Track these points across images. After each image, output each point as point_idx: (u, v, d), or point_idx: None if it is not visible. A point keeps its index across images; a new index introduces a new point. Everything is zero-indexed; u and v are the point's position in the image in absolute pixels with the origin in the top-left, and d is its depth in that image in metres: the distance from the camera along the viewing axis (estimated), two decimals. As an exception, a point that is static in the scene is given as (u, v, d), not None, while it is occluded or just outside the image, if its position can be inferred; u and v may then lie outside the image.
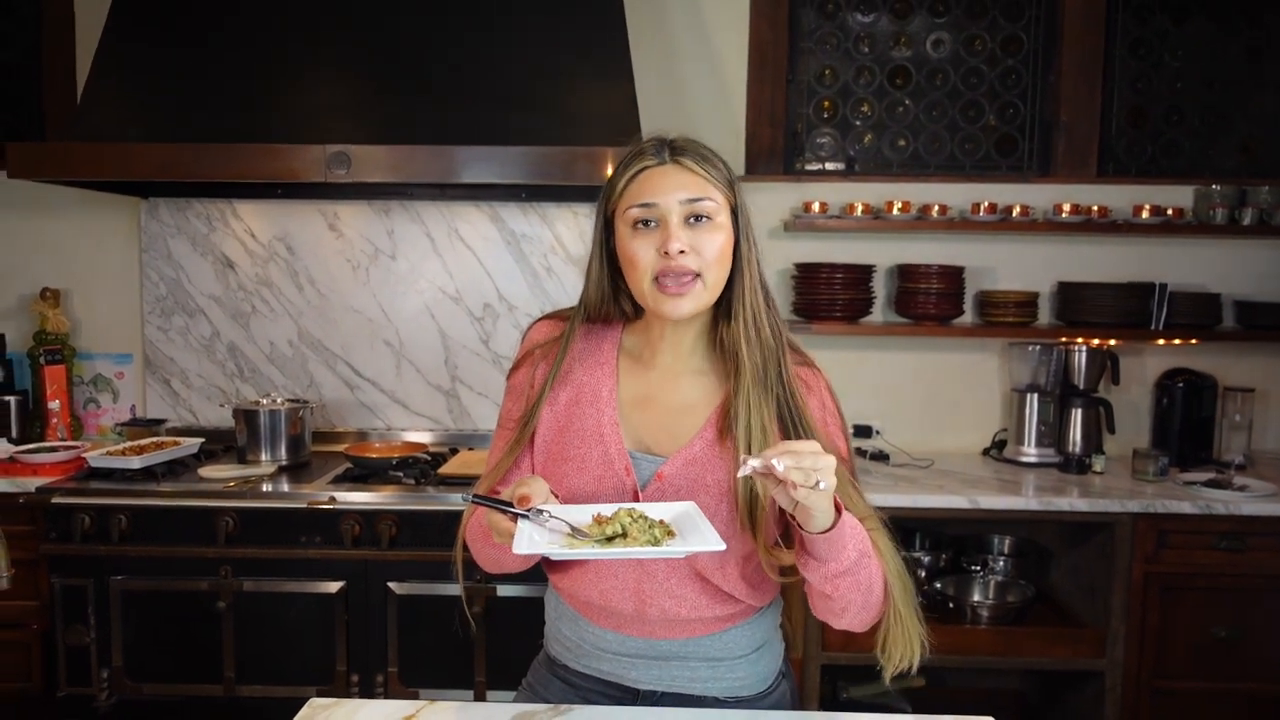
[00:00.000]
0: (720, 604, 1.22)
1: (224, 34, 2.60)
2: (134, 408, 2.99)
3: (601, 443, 1.22)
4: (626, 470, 1.21)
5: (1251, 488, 2.48)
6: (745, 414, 1.16)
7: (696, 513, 1.11)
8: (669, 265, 1.14)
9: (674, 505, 1.14)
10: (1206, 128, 3.01)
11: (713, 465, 1.20)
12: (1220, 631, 2.41)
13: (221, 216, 2.92)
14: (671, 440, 1.22)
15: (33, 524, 2.36)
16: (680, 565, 1.19)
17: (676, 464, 1.20)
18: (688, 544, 1.05)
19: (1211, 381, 2.85)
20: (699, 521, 1.08)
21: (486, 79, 2.52)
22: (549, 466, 1.24)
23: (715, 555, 1.17)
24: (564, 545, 1.06)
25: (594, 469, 1.21)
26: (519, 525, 1.06)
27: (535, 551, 1.03)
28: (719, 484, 1.19)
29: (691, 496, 1.17)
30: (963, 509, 2.40)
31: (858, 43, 3.01)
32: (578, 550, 1.05)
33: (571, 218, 2.89)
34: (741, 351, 1.18)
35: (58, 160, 2.41)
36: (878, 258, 2.89)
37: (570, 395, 1.25)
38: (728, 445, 1.18)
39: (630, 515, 1.09)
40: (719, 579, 1.20)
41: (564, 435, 1.24)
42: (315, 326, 2.95)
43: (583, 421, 1.23)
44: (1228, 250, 2.90)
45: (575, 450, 1.23)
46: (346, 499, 2.35)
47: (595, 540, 1.07)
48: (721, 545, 1.03)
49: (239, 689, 2.36)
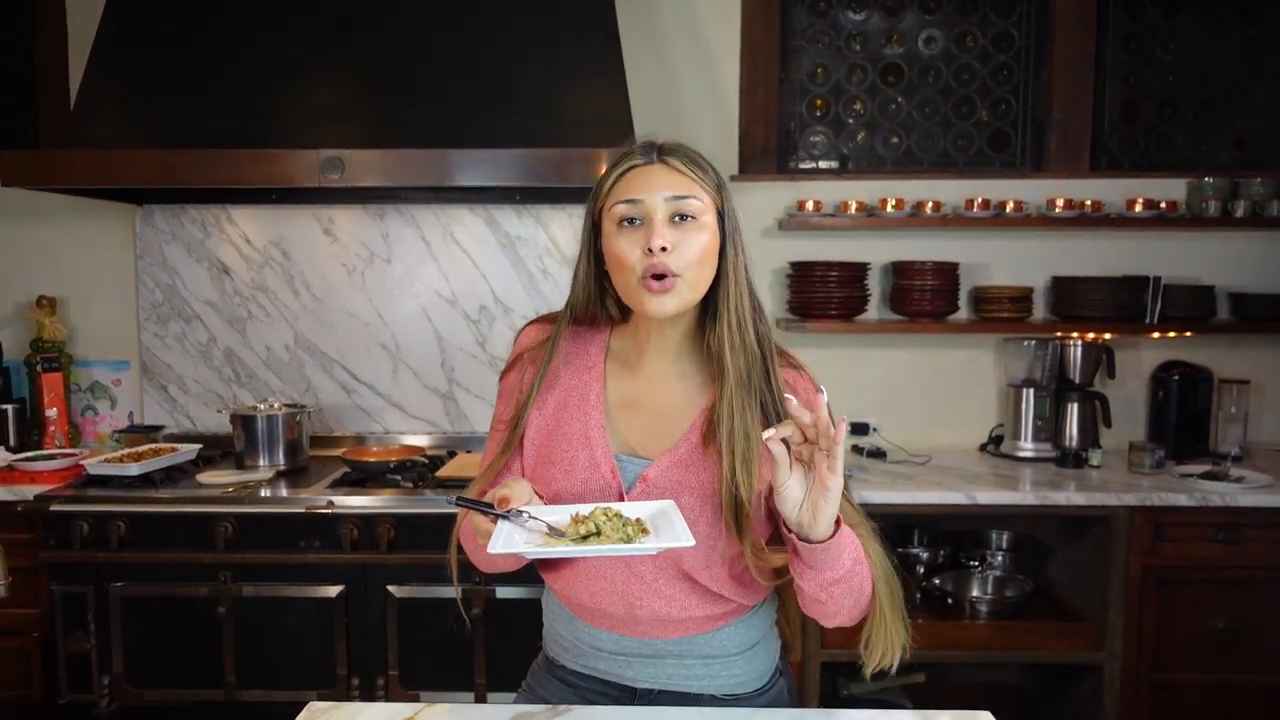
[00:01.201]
0: (710, 603, 1.23)
1: (217, 40, 2.61)
2: (131, 414, 2.99)
3: (588, 446, 1.22)
4: (612, 473, 1.21)
5: (1248, 479, 2.49)
6: (729, 419, 1.16)
7: (673, 510, 1.12)
8: (652, 263, 1.14)
9: (652, 504, 1.15)
10: (1199, 121, 3.01)
11: (698, 468, 1.20)
12: (1218, 623, 2.42)
13: (216, 222, 2.92)
14: (657, 443, 1.23)
15: (31, 531, 2.36)
16: (667, 566, 1.19)
17: (662, 466, 1.21)
18: (659, 540, 1.08)
19: (1206, 374, 2.85)
20: (674, 518, 1.10)
21: (479, 82, 2.52)
22: (538, 469, 1.25)
23: (701, 555, 1.18)
24: (540, 545, 1.09)
25: (581, 472, 1.22)
26: (497, 525, 1.09)
27: (508, 550, 1.05)
28: (704, 486, 1.19)
29: (676, 499, 1.18)
30: (960, 505, 2.40)
31: (850, 41, 3.01)
32: (551, 549, 1.07)
33: (566, 219, 2.90)
34: (725, 357, 1.18)
35: (52, 168, 2.41)
36: (872, 255, 2.89)
37: (558, 399, 1.26)
38: (713, 449, 1.19)
39: (606, 514, 1.11)
40: (706, 579, 1.20)
41: (552, 439, 1.25)
42: (311, 331, 2.95)
43: (570, 425, 1.24)
44: (1221, 243, 2.91)
45: (563, 454, 1.23)
46: (345, 503, 2.35)
47: (571, 539, 1.09)
48: (691, 541, 1.04)
49: (240, 694, 2.36)
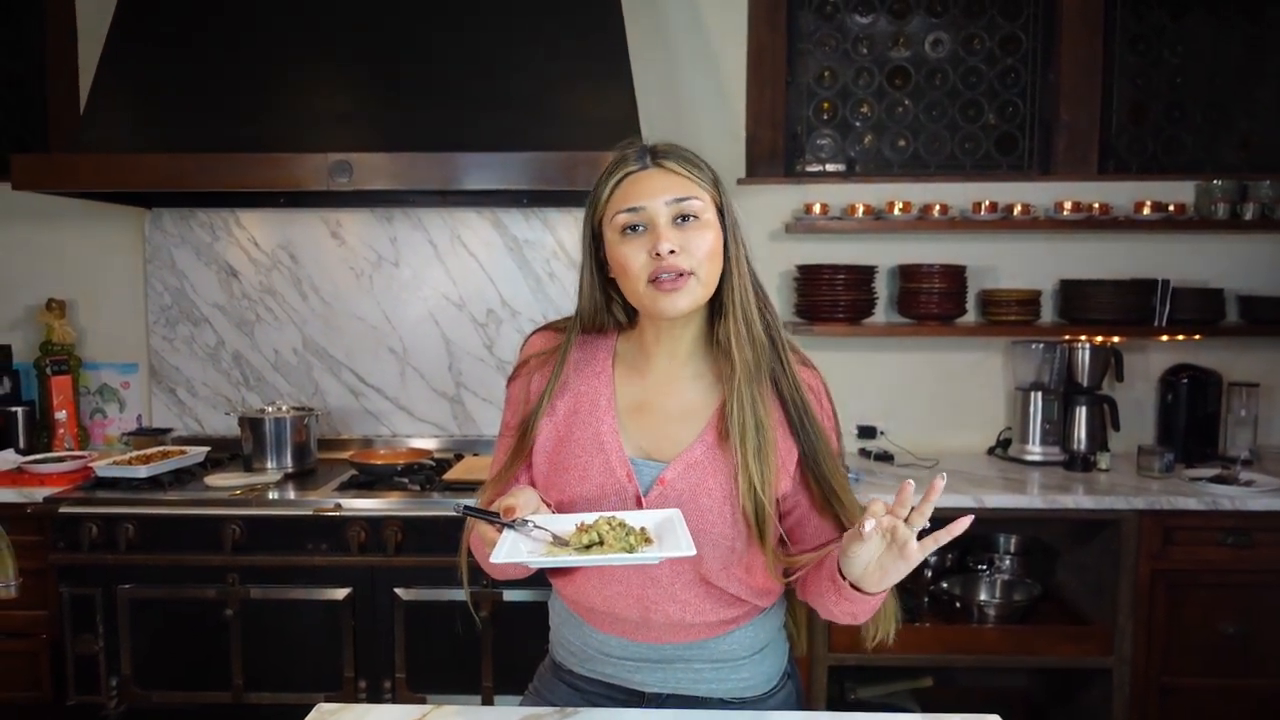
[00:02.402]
0: (725, 607, 1.22)
1: (226, 44, 2.62)
2: (140, 417, 3.00)
3: (602, 451, 1.22)
4: (629, 477, 1.21)
5: (1258, 483, 2.47)
6: (739, 411, 1.17)
7: (679, 519, 1.12)
8: (661, 266, 1.14)
9: (659, 513, 1.15)
10: (1207, 123, 3.00)
11: (714, 468, 1.19)
12: (1228, 628, 2.40)
13: (225, 226, 2.93)
14: (672, 445, 1.22)
15: (40, 534, 2.37)
16: (684, 570, 1.19)
17: (678, 469, 1.20)
18: (662, 550, 1.08)
19: (1216, 377, 2.84)
20: (678, 528, 1.10)
21: (486, 85, 2.53)
22: (551, 477, 1.24)
23: (719, 558, 1.18)
24: (543, 554, 1.09)
25: (596, 477, 1.21)
26: (502, 534, 1.10)
27: (512, 560, 1.06)
28: (721, 487, 1.19)
29: (694, 500, 1.18)
30: (968, 508, 2.37)
31: (856, 44, 3.01)
32: (554, 559, 1.08)
33: (573, 222, 2.90)
34: (733, 348, 1.18)
35: (62, 172, 2.42)
36: (879, 258, 2.89)
37: (569, 405, 1.25)
38: (728, 448, 1.18)
39: (609, 524, 1.11)
40: (723, 581, 1.20)
41: (564, 445, 1.24)
42: (319, 334, 2.96)
43: (582, 431, 1.23)
44: (1230, 245, 2.89)
45: (577, 460, 1.23)
46: (352, 506, 2.35)
47: (574, 549, 1.09)
48: (692, 551, 1.04)
49: (247, 696, 2.37)
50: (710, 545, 1.18)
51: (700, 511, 1.18)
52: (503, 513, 1.11)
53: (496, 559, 1.05)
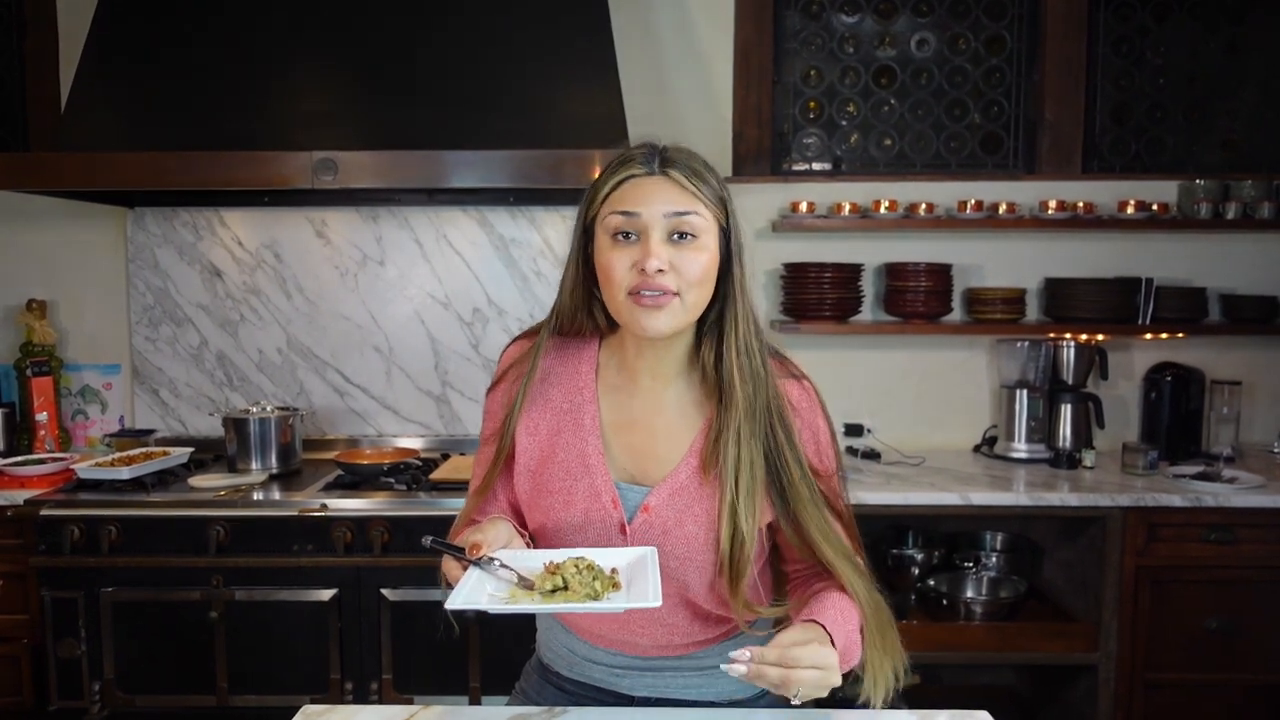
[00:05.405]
0: (712, 625, 1.21)
1: (209, 42, 2.60)
2: (122, 418, 2.97)
3: (588, 474, 1.17)
4: (614, 503, 1.17)
5: (1240, 480, 2.50)
6: (735, 448, 1.12)
7: (652, 561, 1.08)
8: (646, 282, 1.08)
9: (633, 551, 1.12)
10: (1190, 124, 3.03)
11: (700, 494, 1.15)
12: (1212, 623, 2.42)
13: (209, 225, 2.91)
14: (657, 468, 1.18)
15: (21, 537, 2.35)
16: (669, 594, 1.13)
17: (663, 495, 1.16)
18: (628, 599, 1.03)
19: (1199, 375, 2.86)
20: (650, 570, 1.06)
21: (472, 83, 2.52)
22: (534, 498, 1.20)
23: (705, 581, 1.15)
24: (505, 598, 1.05)
25: (581, 502, 1.17)
26: (466, 572, 1.06)
27: (469, 607, 1.01)
28: (708, 513, 1.15)
29: (680, 527, 1.15)
30: (955, 506, 2.40)
31: (842, 43, 3.02)
32: (515, 605, 1.04)
33: (560, 221, 2.89)
34: (735, 384, 1.12)
35: (43, 170, 2.39)
36: (866, 257, 2.90)
37: (551, 424, 1.20)
38: (712, 476, 1.14)
39: (576, 566, 1.06)
40: (710, 604, 1.17)
41: (548, 466, 1.19)
42: (304, 334, 2.94)
43: (566, 451, 1.19)
44: (1212, 244, 2.92)
45: (560, 483, 1.18)
46: (338, 506, 2.34)
47: (539, 592, 1.05)
48: (658, 601, 1.00)
49: (232, 699, 2.35)
50: (695, 570, 1.15)
51: (685, 538, 1.15)
52: (469, 549, 1.07)
53: (452, 605, 1.00)
